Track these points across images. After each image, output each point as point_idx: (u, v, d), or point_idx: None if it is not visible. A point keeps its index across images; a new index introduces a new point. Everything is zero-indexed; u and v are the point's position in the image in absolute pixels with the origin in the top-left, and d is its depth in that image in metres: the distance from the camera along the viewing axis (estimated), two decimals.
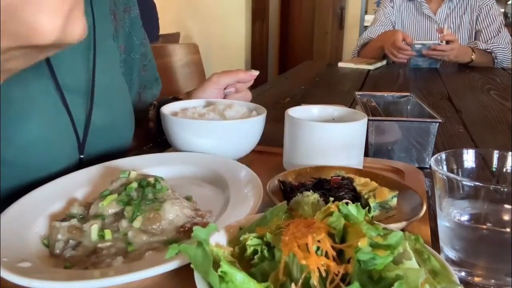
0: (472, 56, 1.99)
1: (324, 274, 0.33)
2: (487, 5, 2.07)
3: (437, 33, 2.05)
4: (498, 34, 2.05)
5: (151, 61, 0.96)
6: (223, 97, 0.89)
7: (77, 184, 0.60)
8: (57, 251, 0.47)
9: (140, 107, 0.92)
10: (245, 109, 0.78)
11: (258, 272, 0.36)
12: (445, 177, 0.43)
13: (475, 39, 2.11)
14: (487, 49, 2.02)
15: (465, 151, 0.49)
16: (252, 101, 0.83)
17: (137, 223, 0.48)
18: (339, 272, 0.33)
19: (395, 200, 0.54)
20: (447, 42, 1.92)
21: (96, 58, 0.70)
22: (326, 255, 0.34)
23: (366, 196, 0.54)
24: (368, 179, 0.58)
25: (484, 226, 0.43)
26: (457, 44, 1.95)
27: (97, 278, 0.39)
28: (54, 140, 0.64)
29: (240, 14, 4.02)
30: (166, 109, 0.77)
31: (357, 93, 0.98)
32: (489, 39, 2.05)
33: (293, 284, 0.33)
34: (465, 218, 0.44)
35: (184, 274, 0.40)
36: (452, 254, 0.44)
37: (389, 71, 2.06)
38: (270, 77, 4.53)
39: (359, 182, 0.57)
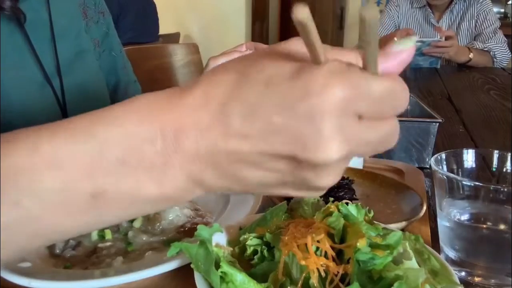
0: (470, 55, 2.00)
1: (323, 274, 0.33)
2: (484, 10, 2.12)
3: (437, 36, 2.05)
4: (495, 35, 2.07)
5: (129, 62, 0.97)
6: None
7: None
8: (57, 251, 0.47)
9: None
10: None
11: (258, 272, 0.36)
12: (445, 177, 0.43)
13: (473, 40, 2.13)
14: (485, 48, 2.04)
15: (465, 151, 0.49)
16: None
17: (137, 223, 0.48)
18: (338, 272, 0.33)
19: None
20: (446, 39, 1.93)
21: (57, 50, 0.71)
22: (326, 255, 0.34)
23: None
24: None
25: (484, 226, 0.43)
26: (456, 41, 1.96)
27: (97, 278, 0.39)
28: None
29: (240, 14, 4.02)
30: None
31: None
32: (487, 39, 2.07)
33: None
34: (465, 218, 0.44)
35: (184, 274, 0.40)
36: (452, 254, 0.44)
37: None
38: None
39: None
